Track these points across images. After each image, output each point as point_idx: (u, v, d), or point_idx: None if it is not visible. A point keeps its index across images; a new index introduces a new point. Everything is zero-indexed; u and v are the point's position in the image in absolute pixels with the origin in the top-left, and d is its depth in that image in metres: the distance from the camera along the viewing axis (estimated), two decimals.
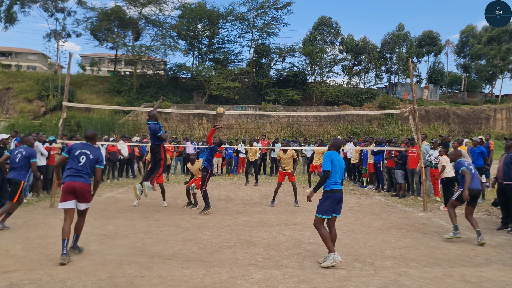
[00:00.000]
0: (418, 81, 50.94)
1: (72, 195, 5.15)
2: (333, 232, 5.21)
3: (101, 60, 57.83)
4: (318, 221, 5.08)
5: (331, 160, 5.13)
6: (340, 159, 5.29)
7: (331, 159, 5.14)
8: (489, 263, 5.15)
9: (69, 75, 9.53)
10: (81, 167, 5.20)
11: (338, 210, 5.20)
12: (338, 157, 5.25)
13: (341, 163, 5.28)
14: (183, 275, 4.53)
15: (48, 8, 39.33)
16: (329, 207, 5.05)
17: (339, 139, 5.45)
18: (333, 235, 5.18)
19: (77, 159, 5.23)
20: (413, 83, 9.43)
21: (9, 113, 31.51)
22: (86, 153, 5.29)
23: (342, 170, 5.30)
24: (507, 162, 7.04)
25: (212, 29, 38.13)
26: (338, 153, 5.31)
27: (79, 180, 5.13)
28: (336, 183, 5.13)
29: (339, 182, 5.17)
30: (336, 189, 5.11)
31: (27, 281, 4.22)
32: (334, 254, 4.90)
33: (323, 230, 5.03)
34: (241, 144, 17.39)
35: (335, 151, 5.29)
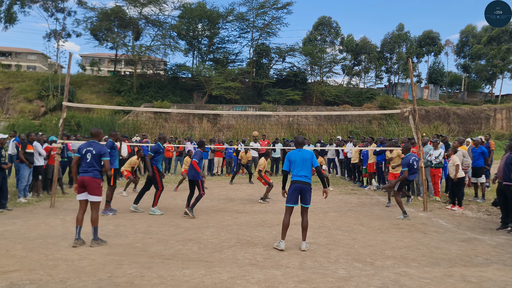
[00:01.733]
0: (418, 81, 50.93)
1: (83, 188, 5.81)
2: (304, 220, 5.80)
3: (101, 60, 57.80)
4: (286, 210, 5.80)
5: (288, 160, 5.87)
6: (302, 153, 5.85)
7: (288, 159, 5.88)
8: (489, 263, 5.15)
9: (69, 75, 9.53)
10: (88, 163, 5.85)
11: (304, 200, 5.73)
12: (299, 153, 5.85)
13: (303, 156, 5.81)
14: (183, 275, 4.53)
15: (48, 8, 39.32)
16: (290, 196, 5.74)
17: (299, 137, 6.09)
18: (304, 223, 5.79)
19: (85, 157, 5.91)
20: (413, 83, 9.43)
21: (9, 113, 31.51)
22: (90, 150, 5.90)
23: (304, 163, 5.78)
24: (507, 163, 7.03)
25: (212, 29, 38.11)
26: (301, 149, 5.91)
27: (87, 175, 5.79)
28: (296, 175, 5.77)
29: (300, 175, 5.74)
30: (295, 180, 5.74)
31: (27, 281, 4.22)
32: (282, 241, 5.67)
33: (285, 217, 5.77)
34: (241, 144, 17.39)
35: (296, 149, 5.93)
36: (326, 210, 9.12)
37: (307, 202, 5.78)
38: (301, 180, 5.72)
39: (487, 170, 10.97)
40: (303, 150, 5.92)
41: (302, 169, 5.78)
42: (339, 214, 8.46)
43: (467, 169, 9.81)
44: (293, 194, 5.73)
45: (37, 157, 9.64)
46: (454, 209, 9.05)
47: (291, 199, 5.74)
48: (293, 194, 5.73)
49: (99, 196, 5.85)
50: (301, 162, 5.78)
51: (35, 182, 9.83)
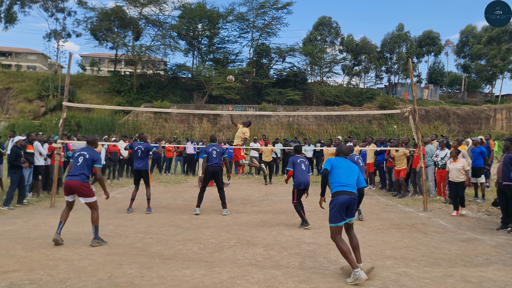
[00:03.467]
0: (418, 81, 50.93)
1: (69, 192, 5.82)
2: (353, 237, 4.72)
3: (101, 60, 57.80)
4: (333, 232, 4.59)
5: (331, 164, 4.88)
6: (349, 162, 4.92)
7: (331, 162, 4.90)
8: (489, 263, 5.14)
9: (69, 75, 9.53)
10: (77, 167, 5.80)
11: (350, 214, 4.66)
12: (344, 161, 4.90)
13: (350, 165, 4.86)
14: (183, 275, 4.53)
15: (48, 8, 39.33)
16: (337, 212, 4.55)
17: (343, 146, 5.11)
18: (354, 242, 4.70)
19: (76, 160, 5.88)
20: (413, 83, 9.43)
21: (9, 113, 31.51)
22: (83, 154, 5.90)
23: (351, 173, 4.79)
24: (506, 163, 7.03)
25: (212, 29, 38.12)
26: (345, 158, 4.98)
27: (74, 179, 5.72)
28: (341, 184, 4.67)
29: (346, 184, 4.66)
30: (340, 191, 4.62)
31: (27, 281, 4.22)
32: (357, 271, 4.30)
33: (341, 243, 4.47)
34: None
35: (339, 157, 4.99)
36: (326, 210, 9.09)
37: (353, 215, 4.75)
38: (347, 190, 4.63)
39: (486, 170, 10.97)
40: (350, 161, 4.97)
41: (350, 179, 4.74)
42: None
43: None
44: (339, 209, 4.56)
45: (38, 157, 9.64)
46: (463, 212, 8.57)
47: (338, 215, 4.56)
48: (339, 209, 4.56)
49: (92, 197, 5.80)
50: (346, 171, 4.79)
51: (35, 182, 9.83)
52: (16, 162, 8.51)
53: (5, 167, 10.86)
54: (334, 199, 4.61)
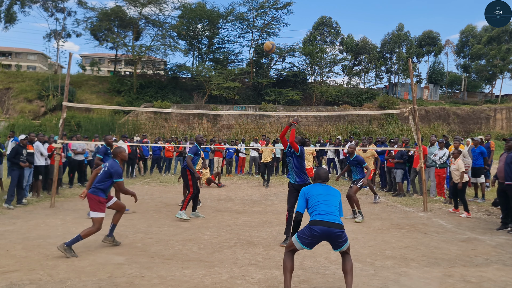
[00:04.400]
0: (418, 81, 50.94)
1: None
2: (347, 261, 4.02)
3: (101, 60, 57.80)
4: (290, 244, 4.00)
5: (305, 197, 4.15)
6: (328, 187, 4.21)
7: (305, 194, 4.16)
8: (489, 263, 5.14)
9: (69, 75, 9.53)
10: (97, 179, 5.70)
11: (336, 246, 3.96)
12: (322, 186, 4.21)
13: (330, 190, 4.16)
14: (183, 275, 4.53)
15: (48, 8, 39.32)
16: (307, 238, 3.89)
17: (321, 170, 4.37)
18: (347, 266, 3.99)
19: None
20: (413, 83, 9.43)
21: (9, 113, 31.51)
22: (105, 165, 5.79)
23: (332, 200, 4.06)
24: (508, 163, 7.02)
25: (212, 29, 38.11)
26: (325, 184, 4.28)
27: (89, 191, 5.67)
28: (320, 213, 3.92)
29: (326, 212, 3.92)
30: (319, 221, 3.87)
31: (27, 281, 4.22)
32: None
33: (287, 257, 3.96)
34: (241, 144, 17.39)
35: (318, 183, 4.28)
36: None
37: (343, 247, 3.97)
38: (327, 221, 3.86)
39: (486, 170, 10.97)
40: (329, 186, 4.26)
41: (329, 205, 4.01)
42: None
43: (467, 170, 9.80)
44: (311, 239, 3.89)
45: (39, 157, 9.65)
46: (462, 215, 8.46)
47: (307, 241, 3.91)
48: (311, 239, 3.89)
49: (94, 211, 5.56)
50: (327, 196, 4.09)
51: (35, 182, 9.83)
52: (15, 159, 8.54)
53: (4, 167, 10.86)
54: (312, 226, 3.88)
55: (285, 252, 4.03)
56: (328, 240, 3.92)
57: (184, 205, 7.66)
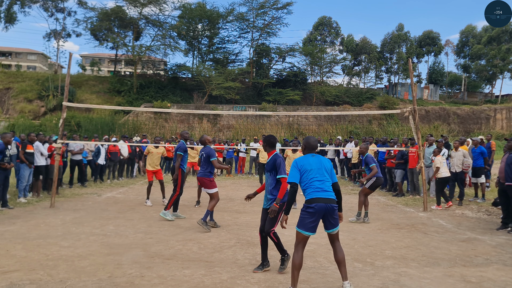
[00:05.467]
0: (418, 81, 50.93)
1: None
2: (338, 251, 4.06)
3: (101, 60, 57.80)
4: (297, 238, 4.03)
5: (299, 168, 4.10)
6: (318, 157, 4.18)
7: (299, 167, 4.10)
8: (489, 263, 5.14)
9: (69, 75, 9.53)
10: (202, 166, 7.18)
11: (330, 224, 4.01)
12: (314, 158, 4.16)
13: (320, 161, 4.14)
14: (183, 275, 4.53)
15: (48, 8, 39.33)
16: (308, 220, 3.94)
17: (311, 138, 4.30)
18: (339, 256, 4.03)
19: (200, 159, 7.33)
20: (413, 83, 9.43)
21: (9, 113, 31.51)
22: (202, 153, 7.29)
23: (326, 170, 4.12)
24: (509, 163, 7.02)
25: (212, 29, 38.11)
26: (313, 154, 4.24)
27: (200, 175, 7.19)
28: (316, 190, 3.98)
29: (322, 188, 3.99)
30: (318, 198, 3.95)
31: (27, 281, 4.22)
32: None
33: (296, 253, 3.99)
34: (241, 144, 17.39)
35: (309, 153, 4.24)
36: None
37: (335, 225, 4.04)
38: (324, 197, 3.96)
39: (487, 170, 10.97)
40: (319, 156, 4.24)
41: (325, 178, 4.08)
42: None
43: (467, 169, 9.82)
44: (314, 217, 3.94)
45: (39, 157, 9.64)
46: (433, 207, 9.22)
47: (309, 224, 3.95)
48: (314, 217, 3.94)
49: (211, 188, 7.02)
50: (320, 170, 4.08)
51: (35, 182, 9.83)
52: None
53: None
54: (309, 206, 3.97)
55: (294, 249, 4.04)
56: (324, 217, 3.99)
57: (169, 204, 7.61)
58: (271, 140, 5.00)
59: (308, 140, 4.28)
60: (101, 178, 13.26)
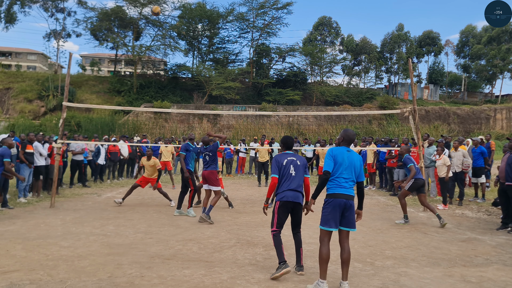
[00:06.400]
0: (418, 81, 50.94)
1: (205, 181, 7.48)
2: (345, 250, 4.14)
3: (101, 60, 57.81)
4: (321, 234, 4.17)
5: (333, 158, 4.16)
6: (352, 155, 4.22)
7: (333, 156, 4.16)
8: (489, 263, 5.14)
9: (69, 75, 9.53)
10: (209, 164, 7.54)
11: (347, 222, 4.12)
12: (348, 154, 4.20)
13: (353, 160, 4.20)
14: (183, 275, 4.52)
15: (48, 8, 39.35)
16: (330, 215, 4.07)
17: (349, 131, 4.35)
18: (345, 256, 4.13)
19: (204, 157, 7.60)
20: (413, 83, 9.43)
21: (9, 113, 31.51)
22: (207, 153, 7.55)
23: (354, 169, 4.19)
24: (509, 163, 7.02)
25: (212, 29, 38.13)
26: (349, 149, 4.27)
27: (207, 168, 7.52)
28: (339, 186, 4.10)
29: (344, 185, 4.10)
30: (337, 193, 4.07)
31: (27, 281, 4.22)
32: (322, 282, 4.02)
33: (323, 247, 4.10)
34: (241, 144, 17.39)
35: (344, 147, 4.27)
36: None
37: (352, 224, 4.17)
38: (346, 194, 4.09)
39: (487, 170, 10.97)
40: (353, 152, 4.27)
41: (352, 176, 4.18)
42: None
43: (467, 169, 9.82)
44: (332, 212, 4.07)
45: (38, 157, 9.64)
46: (439, 207, 9.19)
47: (331, 219, 4.08)
48: (332, 212, 4.07)
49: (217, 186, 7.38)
50: (349, 167, 4.16)
51: (35, 182, 9.82)
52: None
53: None
54: (330, 200, 4.12)
55: (320, 243, 4.17)
56: (343, 213, 4.12)
57: (189, 202, 8.08)
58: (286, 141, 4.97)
59: (346, 132, 4.33)
60: (101, 178, 13.26)
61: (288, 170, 4.64)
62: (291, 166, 4.65)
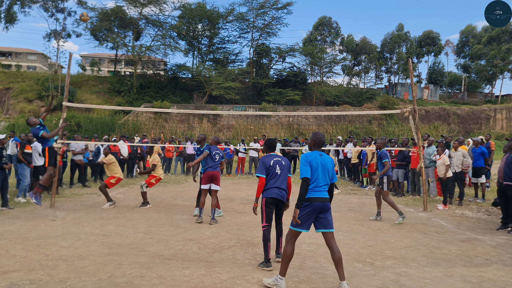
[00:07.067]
0: (418, 81, 50.94)
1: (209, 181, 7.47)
2: (335, 250, 4.16)
3: (101, 60, 57.80)
4: (290, 234, 4.17)
5: (309, 163, 4.13)
6: (324, 158, 4.23)
7: (309, 161, 4.14)
8: (489, 263, 5.14)
9: (69, 75, 9.53)
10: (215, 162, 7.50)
11: (326, 224, 4.15)
12: (321, 158, 4.21)
13: (325, 163, 4.20)
14: (183, 275, 4.52)
15: (48, 8, 39.36)
16: (305, 218, 4.07)
17: (319, 134, 4.35)
18: (336, 256, 4.14)
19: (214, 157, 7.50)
20: (413, 83, 9.43)
21: (9, 113, 31.51)
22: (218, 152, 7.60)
23: (329, 172, 4.21)
24: (508, 163, 7.04)
25: (212, 29, 38.13)
26: (321, 153, 4.29)
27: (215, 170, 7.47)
28: (316, 189, 4.11)
29: (320, 189, 4.12)
30: (314, 197, 4.08)
31: (27, 281, 4.22)
32: (281, 279, 4.08)
33: (288, 246, 4.13)
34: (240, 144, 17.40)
35: (316, 151, 4.27)
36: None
37: (330, 225, 4.19)
38: (322, 197, 4.12)
39: (487, 170, 10.98)
40: (325, 156, 4.30)
41: (326, 179, 4.21)
42: (339, 214, 8.45)
43: (467, 169, 9.82)
44: (307, 215, 4.09)
45: (37, 157, 9.63)
46: (439, 207, 9.24)
47: (305, 221, 4.11)
48: (307, 215, 4.09)
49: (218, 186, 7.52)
50: (323, 170, 4.18)
51: (35, 182, 9.81)
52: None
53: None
54: (306, 204, 4.08)
55: (286, 243, 4.19)
56: (319, 216, 4.15)
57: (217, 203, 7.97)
58: (270, 143, 5.33)
59: (316, 136, 4.33)
60: (101, 178, 13.26)
61: (274, 170, 5.04)
62: (277, 166, 5.06)
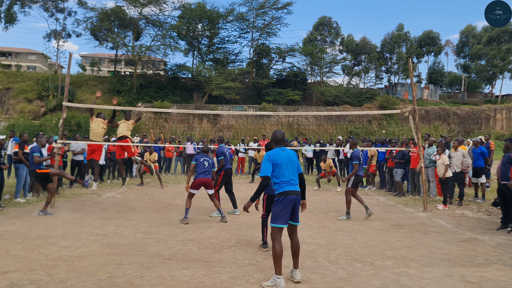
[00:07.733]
0: (418, 81, 50.91)
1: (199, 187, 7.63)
2: (295, 242, 4.41)
3: (101, 60, 57.78)
4: (274, 232, 4.31)
5: (271, 162, 4.38)
6: (287, 152, 4.47)
7: (271, 160, 4.38)
8: (489, 263, 5.14)
9: (69, 75, 9.53)
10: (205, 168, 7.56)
11: (294, 217, 4.38)
12: (283, 153, 4.43)
13: (289, 156, 4.44)
14: (183, 275, 4.53)
15: (48, 8, 39.32)
16: (282, 213, 4.26)
17: (277, 132, 4.62)
18: (295, 247, 4.40)
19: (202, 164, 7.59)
20: (413, 83, 9.44)
21: (9, 113, 31.50)
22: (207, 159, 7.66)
23: (292, 165, 4.42)
24: (504, 162, 7.08)
25: (212, 29, 38.11)
26: (283, 148, 4.51)
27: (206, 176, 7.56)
28: (287, 183, 4.34)
29: (292, 182, 4.36)
30: (287, 191, 4.30)
31: (27, 281, 4.22)
32: (279, 278, 4.19)
33: (276, 244, 4.22)
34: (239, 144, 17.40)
35: (277, 147, 4.51)
36: (326, 210, 9.12)
37: (298, 219, 4.47)
38: (294, 190, 4.35)
39: (487, 170, 10.98)
40: (288, 150, 4.57)
41: (294, 172, 4.45)
42: (339, 214, 8.46)
43: (467, 169, 9.82)
44: (284, 209, 4.28)
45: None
46: (439, 207, 9.25)
47: (283, 216, 4.29)
48: (284, 209, 4.28)
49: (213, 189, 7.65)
50: (290, 164, 4.43)
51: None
52: None
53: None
54: (281, 198, 4.31)
55: (273, 241, 4.31)
56: (292, 209, 4.35)
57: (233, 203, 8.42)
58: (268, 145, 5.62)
59: (275, 134, 4.64)
60: (101, 178, 13.26)
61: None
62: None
